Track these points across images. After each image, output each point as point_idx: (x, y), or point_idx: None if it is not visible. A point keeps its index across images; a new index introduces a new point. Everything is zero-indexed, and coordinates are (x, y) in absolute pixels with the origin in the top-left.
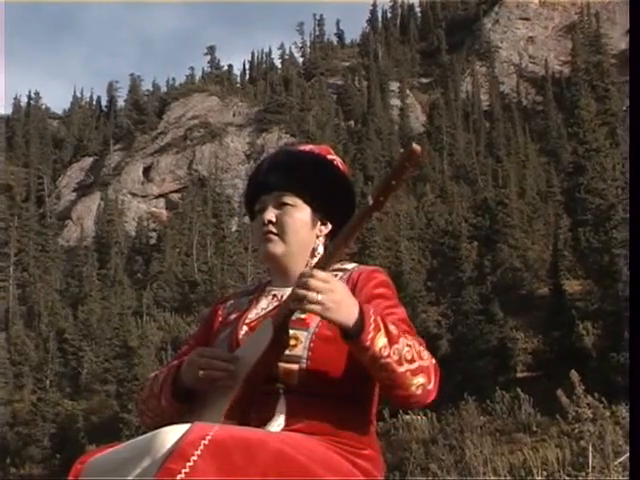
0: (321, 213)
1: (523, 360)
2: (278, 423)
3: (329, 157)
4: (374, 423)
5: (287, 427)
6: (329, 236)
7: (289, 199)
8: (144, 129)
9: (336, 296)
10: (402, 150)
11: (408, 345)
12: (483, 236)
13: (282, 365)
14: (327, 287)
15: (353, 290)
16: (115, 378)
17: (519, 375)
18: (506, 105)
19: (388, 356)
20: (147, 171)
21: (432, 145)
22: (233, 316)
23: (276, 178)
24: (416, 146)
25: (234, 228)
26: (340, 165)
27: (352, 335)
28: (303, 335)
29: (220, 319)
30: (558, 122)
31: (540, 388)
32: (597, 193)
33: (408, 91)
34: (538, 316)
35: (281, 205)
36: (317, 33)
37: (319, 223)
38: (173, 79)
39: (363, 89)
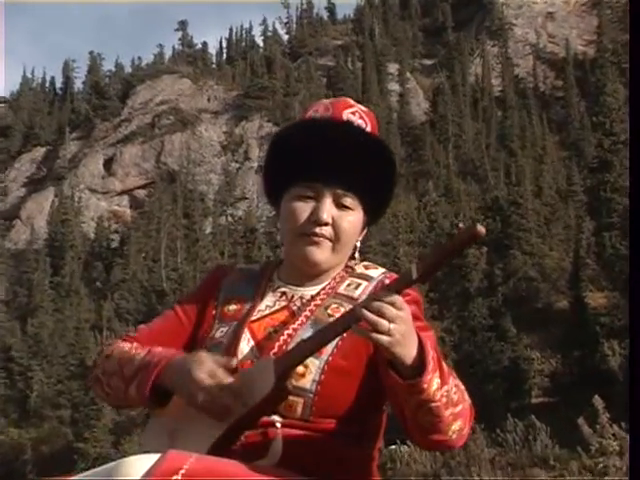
0: (367, 216)
1: (539, 383)
2: (270, 459)
3: (383, 141)
4: (377, 459)
5: (281, 465)
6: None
7: (350, 201)
8: (105, 115)
9: (405, 328)
10: (461, 226)
11: (456, 385)
12: (493, 241)
13: None
14: (400, 316)
15: None
16: (69, 402)
17: (534, 401)
18: (521, 91)
19: (439, 400)
20: (108, 164)
21: (436, 136)
22: (233, 307)
23: (342, 171)
24: (481, 228)
25: (208, 230)
26: (370, 125)
27: (410, 374)
28: (314, 364)
29: (216, 303)
30: (581, 110)
31: (559, 416)
32: (625, 192)
33: (409, 74)
34: (556, 333)
35: (339, 205)
36: (304, 7)
37: (364, 228)
38: (139, 58)
39: (357, 71)
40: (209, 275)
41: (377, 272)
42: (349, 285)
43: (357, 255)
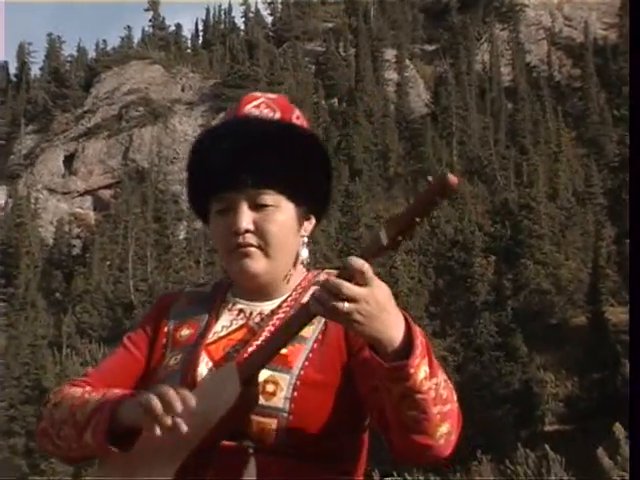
0: (305, 207)
1: (553, 409)
2: None
3: (298, 122)
4: None
5: None
6: (313, 230)
7: (270, 198)
8: (66, 106)
9: (372, 307)
10: (431, 178)
11: (445, 381)
12: (502, 249)
13: (255, 419)
14: (361, 293)
15: None
16: (24, 429)
17: (548, 429)
18: (534, 80)
19: (427, 392)
20: (69, 160)
21: (438, 131)
22: (186, 332)
23: (249, 171)
24: (452, 177)
25: (182, 235)
26: (307, 126)
27: (391, 354)
28: (284, 380)
29: (166, 330)
30: (601, 103)
31: (575, 446)
32: None
33: (408, 61)
34: (573, 353)
35: (258, 207)
36: None
37: (302, 220)
38: (104, 42)
39: (350, 58)
40: (154, 305)
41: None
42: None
43: (305, 252)
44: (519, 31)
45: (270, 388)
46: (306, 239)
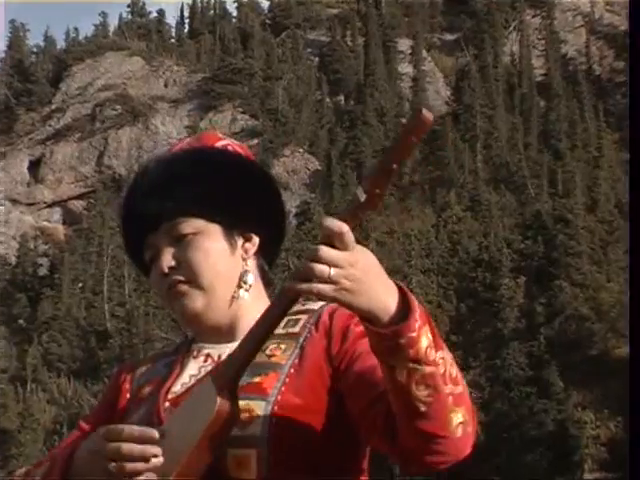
0: (238, 227)
1: (594, 454)
2: None
3: (218, 144)
4: None
5: None
6: (260, 251)
7: (186, 226)
8: (31, 104)
9: (358, 272)
10: (405, 119)
11: (452, 359)
12: (534, 268)
13: (231, 452)
14: (345, 257)
15: (327, 333)
16: None
17: (588, 477)
18: (570, 74)
19: (434, 363)
20: (35, 167)
21: (460, 133)
22: (148, 389)
23: (158, 204)
24: (426, 112)
25: None
26: (238, 149)
27: (388, 322)
28: (259, 407)
29: (128, 395)
30: None
31: None
32: None
33: (425, 52)
34: (615, 388)
35: (179, 239)
36: None
37: (241, 240)
38: (75, 30)
39: (358, 49)
40: (113, 376)
41: (318, 304)
42: (286, 324)
43: (250, 278)
44: (553, 17)
45: (244, 416)
46: (252, 260)
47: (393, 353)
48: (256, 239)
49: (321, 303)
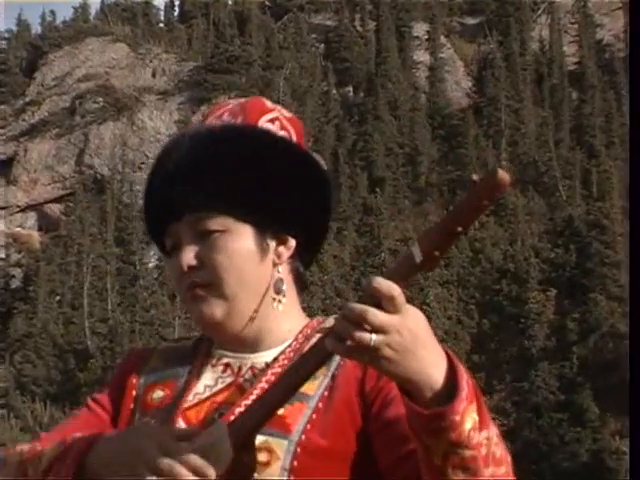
0: (273, 227)
1: None
2: None
3: (263, 122)
4: None
5: None
6: (296, 255)
7: (213, 223)
8: (2, 96)
9: (403, 339)
10: (475, 177)
11: (497, 435)
12: (566, 280)
13: None
14: (392, 321)
15: (361, 378)
16: None
17: None
18: (606, 62)
19: (476, 447)
20: (7, 166)
21: (482, 128)
22: (159, 395)
23: (183, 192)
24: (502, 174)
25: (152, 263)
26: (287, 125)
27: (430, 399)
28: (281, 447)
29: (134, 392)
30: None
31: None
32: None
33: (443, 38)
34: None
35: (203, 235)
36: None
37: (274, 244)
38: (52, 13)
39: (368, 35)
40: (121, 362)
41: None
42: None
43: (283, 287)
44: None
45: (264, 457)
46: (286, 265)
47: (431, 435)
48: (292, 242)
49: None
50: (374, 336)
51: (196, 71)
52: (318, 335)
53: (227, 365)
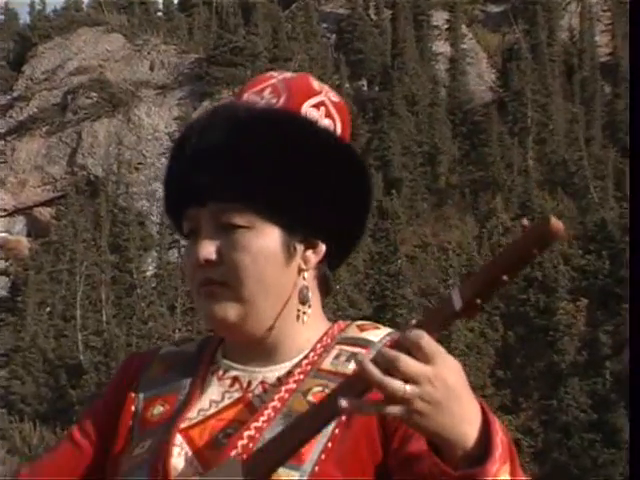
0: (303, 230)
1: None
2: None
3: (307, 107)
4: None
5: None
6: (324, 260)
7: (239, 217)
8: None
9: (438, 391)
10: (526, 223)
11: None
12: (598, 289)
13: None
14: (426, 372)
15: None
16: None
17: None
18: None
19: None
20: None
21: (507, 125)
22: (159, 410)
23: (212, 177)
24: (556, 222)
25: (150, 271)
26: (331, 118)
27: (461, 457)
28: (292, 478)
29: (133, 408)
30: None
31: None
32: None
33: (465, 28)
34: None
35: (226, 228)
36: None
37: (302, 247)
38: (42, 2)
39: (384, 24)
40: (119, 370)
41: (380, 333)
42: (338, 356)
43: (309, 295)
44: None
45: None
46: (312, 271)
47: None
48: (322, 247)
49: (385, 332)
50: (408, 387)
51: (197, 64)
52: (338, 347)
53: (235, 379)
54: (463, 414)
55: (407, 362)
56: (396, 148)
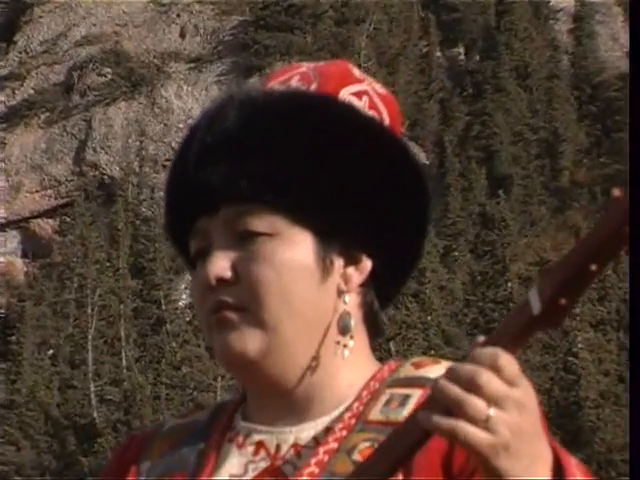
0: (342, 238)
1: None
2: None
3: (345, 93)
4: None
5: None
6: (370, 284)
7: (258, 222)
8: None
9: (522, 419)
10: (617, 192)
11: None
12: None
13: None
14: (511, 394)
15: (447, 451)
16: None
17: None
18: None
19: None
20: None
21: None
22: None
23: (221, 174)
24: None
25: (183, 300)
26: (376, 111)
27: None
28: None
29: None
30: None
31: None
32: None
33: None
34: None
35: (244, 238)
36: None
37: (341, 262)
38: None
39: None
40: (115, 454)
41: (441, 369)
42: (388, 402)
43: (350, 323)
44: None
45: None
46: (355, 295)
47: None
48: (367, 263)
49: (442, 368)
50: (493, 411)
51: (242, 28)
52: (388, 391)
53: (260, 444)
54: (542, 451)
55: (491, 379)
56: (504, 135)
